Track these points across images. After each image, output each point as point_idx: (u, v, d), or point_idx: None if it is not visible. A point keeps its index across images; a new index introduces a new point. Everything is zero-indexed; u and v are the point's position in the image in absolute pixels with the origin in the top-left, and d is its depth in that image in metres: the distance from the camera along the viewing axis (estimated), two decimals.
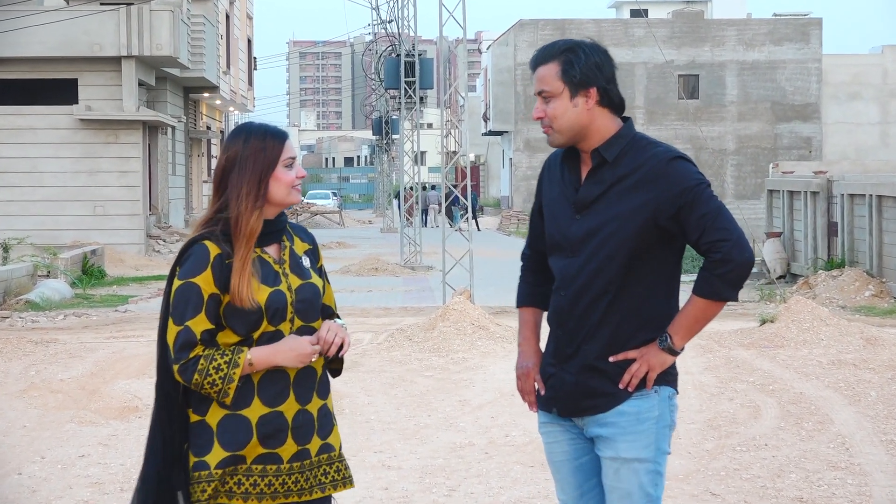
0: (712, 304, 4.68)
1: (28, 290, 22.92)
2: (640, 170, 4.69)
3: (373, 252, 37.33)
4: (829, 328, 15.76)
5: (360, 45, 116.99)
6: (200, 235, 4.55)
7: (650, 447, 4.73)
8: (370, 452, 10.22)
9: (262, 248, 4.61)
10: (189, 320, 4.46)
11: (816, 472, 9.40)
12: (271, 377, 4.54)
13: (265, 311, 4.50)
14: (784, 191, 29.42)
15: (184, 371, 4.45)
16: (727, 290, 4.65)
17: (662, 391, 4.76)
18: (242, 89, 54.43)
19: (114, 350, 15.86)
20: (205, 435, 4.51)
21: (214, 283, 4.48)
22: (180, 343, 4.46)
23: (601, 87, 4.75)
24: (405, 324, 17.83)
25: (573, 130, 4.76)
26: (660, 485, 4.76)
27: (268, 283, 4.54)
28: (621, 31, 62.17)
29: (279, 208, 4.64)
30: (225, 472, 4.49)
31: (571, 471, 4.92)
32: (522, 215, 59.94)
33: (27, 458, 10.03)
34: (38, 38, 32.96)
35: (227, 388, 4.45)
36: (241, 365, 4.45)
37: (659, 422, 4.74)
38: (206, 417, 4.52)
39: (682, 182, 4.64)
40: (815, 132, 62.35)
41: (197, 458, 4.51)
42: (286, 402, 4.55)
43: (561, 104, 4.75)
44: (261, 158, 4.57)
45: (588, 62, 4.74)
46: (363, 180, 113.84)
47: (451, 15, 23.72)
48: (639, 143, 4.77)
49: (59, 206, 33.59)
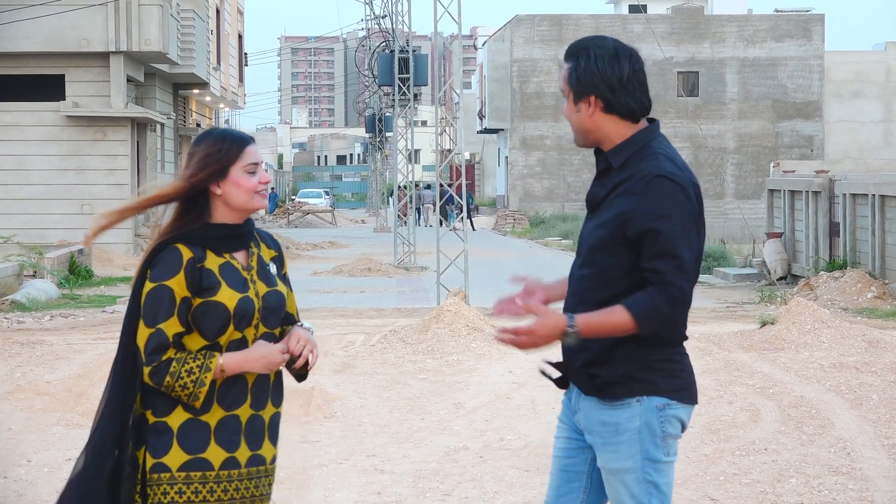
0: (627, 320, 4.57)
1: (14, 290, 22.79)
2: (630, 180, 4.64)
3: (366, 252, 37.35)
4: (830, 330, 15.74)
5: (354, 40, 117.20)
6: (172, 238, 4.61)
7: (634, 457, 4.72)
8: (363, 456, 10.18)
9: (231, 254, 4.68)
10: (161, 323, 4.52)
11: (817, 477, 9.36)
12: (231, 382, 4.61)
13: (233, 316, 4.58)
14: (785, 190, 29.36)
15: (155, 373, 4.50)
16: (647, 320, 4.56)
17: (646, 401, 4.70)
18: (233, 85, 54.31)
19: (101, 352, 15.74)
20: (165, 436, 4.55)
21: (187, 286, 4.55)
22: (153, 346, 4.51)
23: (601, 97, 4.68)
24: (399, 325, 17.79)
25: (580, 133, 4.78)
26: (656, 494, 4.74)
27: (237, 290, 4.62)
28: (619, 27, 62.20)
29: (243, 214, 4.69)
30: (188, 475, 4.53)
31: (557, 470, 4.96)
32: (518, 214, 59.91)
33: (13, 462, 9.95)
34: (24, 32, 32.75)
35: (198, 392, 4.51)
36: (213, 370, 4.52)
37: (643, 431, 4.71)
38: (167, 419, 4.56)
39: (653, 205, 4.56)
40: (816, 130, 62.44)
41: (156, 459, 4.55)
42: (242, 407, 4.63)
43: (568, 108, 4.78)
44: (212, 160, 4.62)
45: (588, 69, 4.68)
46: (356, 179, 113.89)
47: (446, 10, 23.58)
48: (644, 151, 4.70)
49: (46, 204, 33.38)
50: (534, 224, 56.69)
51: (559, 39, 62.99)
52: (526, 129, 63.36)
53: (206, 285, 4.56)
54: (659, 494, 4.74)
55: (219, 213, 4.66)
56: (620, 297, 4.60)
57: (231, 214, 4.66)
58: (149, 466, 4.54)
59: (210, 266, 4.60)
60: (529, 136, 63.33)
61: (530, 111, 63.46)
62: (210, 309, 4.55)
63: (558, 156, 63.17)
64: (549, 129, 63.24)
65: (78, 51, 33.28)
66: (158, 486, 4.52)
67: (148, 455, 4.55)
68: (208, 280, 4.57)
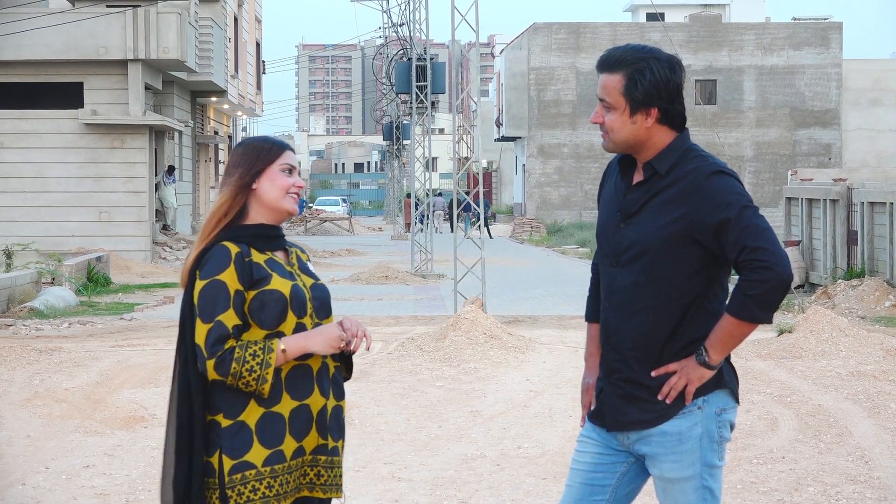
0: (743, 324, 4.63)
1: (32, 297, 22.80)
2: (680, 182, 4.67)
3: (383, 260, 37.34)
4: (848, 339, 15.70)
5: (371, 48, 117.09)
6: (217, 238, 4.69)
7: (695, 465, 4.77)
8: (380, 464, 10.16)
9: (273, 252, 4.76)
10: (220, 315, 4.55)
11: (835, 486, 9.32)
12: (296, 371, 4.64)
13: (290, 300, 4.62)
14: (803, 198, 29.26)
15: (220, 364, 4.51)
16: (759, 313, 4.61)
17: (707, 407, 4.75)
18: (251, 93, 54.34)
19: (119, 359, 15.76)
20: (243, 435, 4.57)
21: (238, 279, 4.59)
22: (214, 338, 4.53)
23: (662, 108, 4.71)
24: (416, 333, 17.75)
25: (627, 144, 4.76)
26: (710, 499, 4.80)
27: (287, 278, 4.69)
28: (637, 35, 62.09)
29: (275, 214, 4.77)
30: (273, 469, 4.56)
31: (580, 483, 4.94)
32: (535, 222, 59.84)
33: (31, 469, 9.95)
34: (43, 40, 32.81)
35: (266, 374, 4.52)
36: (276, 350, 4.55)
37: (703, 438, 4.77)
38: (243, 417, 4.58)
39: (718, 198, 4.60)
40: (834, 139, 62.31)
41: (236, 459, 4.55)
42: (312, 396, 4.66)
43: (619, 119, 4.74)
44: (253, 157, 4.75)
45: (653, 81, 4.70)
46: (373, 186, 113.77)
47: (464, 18, 23.56)
48: (687, 154, 4.73)
49: (64, 212, 33.44)
50: (551, 232, 56.61)
51: (576, 48, 62.98)
52: (543, 137, 63.30)
53: (257, 277, 4.61)
54: (713, 499, 4.80)
55: (253, 211, 4.73)
56: (679, 302, 4.67)
57: (264, 213, 4.73)
58: (227, 469, 4.55)
59: (257, 260, 4.66)
60: (547, 144, 63.27)
61: (547, 119, 63.41)
62: (266, 297, 4.60)
63: (575, 164, 63.13)
64: (567, 136, 63.20)
65: (96, 58, 33.34)
66: (245, 484, 4.54)
67: (226, 458, 4.56)
68: (258, 272, 4.62)
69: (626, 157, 4.85)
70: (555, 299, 25.12)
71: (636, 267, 4.70)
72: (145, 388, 13.26)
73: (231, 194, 4.71)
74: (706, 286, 4.70)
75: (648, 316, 4.69)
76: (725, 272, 4.77)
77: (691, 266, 4.66)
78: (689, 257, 4.65)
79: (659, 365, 4.71)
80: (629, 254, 4.72)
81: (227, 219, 4.70)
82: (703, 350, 4.65)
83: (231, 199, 4.71)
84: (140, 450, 10.57)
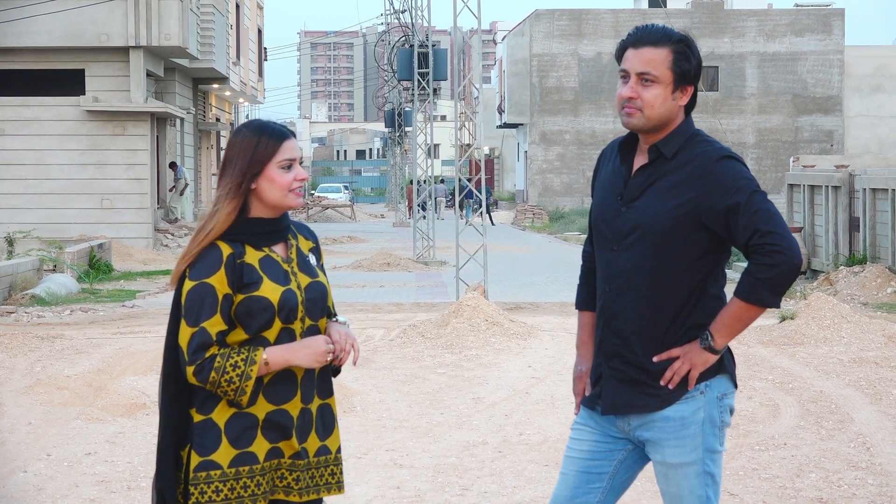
0: (752, 307, 4.62)
1: (34, 284, 22.79)
2: (687, 167, 4.65)
3: (385, 247, 37.33)
4: (850, 325, 15.71)
5: (373, 35, 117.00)
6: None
7: (697, 450, 4.75)
8: (382, 451, 10.16)
9: (270, 248, 4.62)
10: (204, 321, 4.46)
11: (836, 472, 9.33)
12: (279, 378, 4.54)
13: (278, 310, 4.51)
14: (805, 185, 29.24)
15: (199, 371, 4.43)
16: (769, 297, 4.60)
17: (709, 392, 4.74)
18: (252, 80, 54.34)
19: (121, 346, 15.76)
20: (212, 433, 4.49)
21: (228, 283, 4.48)
22: (196, 344, 4.45)
23: (695, 89, 4.75)
24: (418, 320, 17.73)
25: (661, 121, 4.70)
26: (711, 484, 4.78)
27: (279, 283, 4.55)
28: (639, 22, 61.56)
29: (277, 210, 4.64)
30: (237, 471, 4.48)
31: (577, 471, 4.91)
32: (537, 209, 59.84)
33: (33, 456, 9.95)
34: (45, 27, 32.81)
35: (244, 386, 4.44)
36: (258, 363, 4.45)
37: (706, 424, 4.76)
38: (213, 416, 4.50)
39: (728, 182, 4.58)
40: (836, 125, 62.27)
41: (203, 457, 4.48)
42: (292, 401, 4.57)
43: (661, 93, 4.68)
44: (249, 154, 4.57)
45: (699, 61, 4.73)
46: (375, 173, 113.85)
47: (466, 5, 23.54)
48: (693, 139, 4.71)
49: (66, 199, 33.45)
50: (553, 219, 56.61)
51: (578, 34, 62.93)
52: (545, 123, 63.28)
53: (247, 281, 4.50)
54: (714, 485, 4.79)
55: (254, 207, 4.60)
56: (682, 286, 4.65)
57: (265, 210, 4.59)
58: (194, 465, 4.48)
59: (250, 261, 4.54)
60: (549, 131, 63.25)
61: (549, 106, 63.39)
62: (253, 304, 4.48)
63: (577, 150, 63.11)
64: (569, 123, 63.18)
65: (98, 45, 33.34)
66: (208, 483, 4.46)
67: (194, 453, 4.49)
68: (249, 276, 4.50)
69: (628, 141, 4.82)
70: (557, 286, 25.12)
71: (639, 250, 4.67)
72: (147, 376, 13.23)
73: (229, 198, 4.56)
74: (709, 271, 4.69)
75: (652, 299, 4.66)
76: (727, 257, 4.75)
77: (696, 250, 4.64)
78: (694, 241, 4.62)
79: (662, 349, 4.68)
80: (632, 237, 4.68)
81: (225, 226, 4.55)
82: (709, 334, 4.64)
83: (228, 205, 4.56)
84: (142, 437, 10.56)
